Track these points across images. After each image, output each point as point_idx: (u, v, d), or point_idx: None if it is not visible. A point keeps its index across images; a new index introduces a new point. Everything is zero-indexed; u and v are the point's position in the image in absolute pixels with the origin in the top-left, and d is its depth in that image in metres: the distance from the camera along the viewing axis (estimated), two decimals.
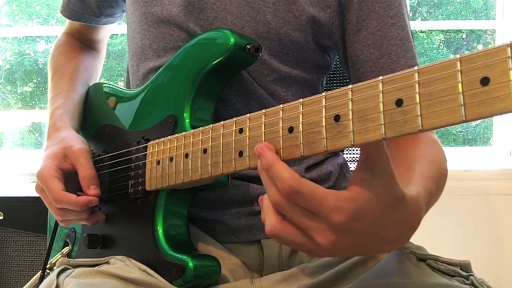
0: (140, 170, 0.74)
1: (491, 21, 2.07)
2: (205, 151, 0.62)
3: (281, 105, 0.53)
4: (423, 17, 2.13)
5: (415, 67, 0.42)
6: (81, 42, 1.03)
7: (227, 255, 0.76)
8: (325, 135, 0.48)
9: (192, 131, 0.66)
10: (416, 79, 0.42)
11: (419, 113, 0.41)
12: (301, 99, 0.51)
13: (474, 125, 2.09)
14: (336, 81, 1.18)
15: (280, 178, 0.47)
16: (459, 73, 0.39)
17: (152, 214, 0.72)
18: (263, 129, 0.54)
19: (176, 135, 0.69)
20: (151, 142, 0.73)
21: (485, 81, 0.37)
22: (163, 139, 0.71)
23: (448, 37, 2.17)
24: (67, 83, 0.92)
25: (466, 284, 0.61)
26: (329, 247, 0.48)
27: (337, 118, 0.47)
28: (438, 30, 2.14)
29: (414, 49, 0.78)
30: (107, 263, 0.72)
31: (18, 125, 2.16)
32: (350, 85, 0.47)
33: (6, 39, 2.16)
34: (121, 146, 0.79)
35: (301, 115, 0.50)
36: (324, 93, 0.49)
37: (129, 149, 0.77)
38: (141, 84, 0.84)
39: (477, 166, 1.82)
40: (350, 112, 0.46)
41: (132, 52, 0.87)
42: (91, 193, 0.74)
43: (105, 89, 0.90)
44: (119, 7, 0.97)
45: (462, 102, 0.38)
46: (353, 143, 0.45)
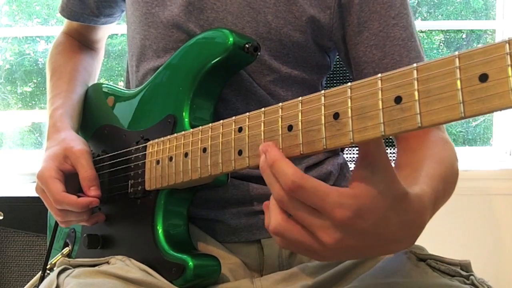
0: (139, 170, 0.74)
1: (491, 21, 2.07)
2: (204, 150, 0.62)
3: (280, 104, 0.53)
4: (423, 17, 2.13)
5: (414, 64, 0.42)
6: (80, 42, 1.03)
7: (227, 255, 0.76)
8: (324, 133, 0.48)
9: (191, 130, 0.66)
10: (414, 76, 0.42)
11: (418, 110, 0.41)
12: (300, 97, 0.51)
13: (474, 125, 2.08)
14: (336, 81, 1.18)
15: (283, 174, 0.47)
16: (458, 70, 0.39)
17: (152, 213, 0.72)
18: (262, 128, 0.54)
19: (175, 134, 0.69)
20: (151, 142, 0.73)
21: (483, 78, 0.37)
22: (162, 138, 0.71)
23: (448, 37, 2.17)
24: (66, 84, 0.92)
25: (466, 284, 0.61)
26: (334, 246, 0.47)
27: (336, 116, 0.47)
28: (438, 30, 2.13)
29: (419, 48, 0.77)
30: (107, 263, 0.72)
31: (18, 125, 2.16)
32: (349, 83, 0.47)
33: (6, 39, 2.16)
34: (120, 146, 0.79)
35: (300, 113, 0.50)
36: (323, 91, 0.49)
37: (128, 149, 0.77)
38: (140, 84, 0.84)
39: (477, 166, 1.82)
40: (349, 110, 0.46)
41: (132, 52, 0.87)
42: (92, 194, 0.74)
43: (104, 89, 0.90)
44: (118, 7, 0.97)
45: (461, 99, 0.38)
46: (352, 141, 0.45)
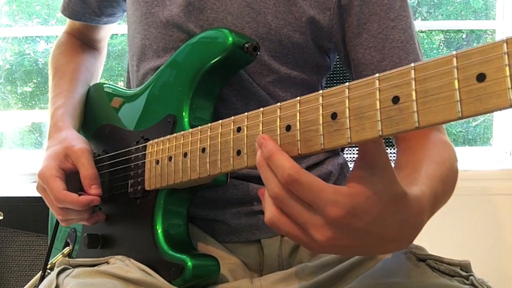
0: (139, 169, 0.74)
1: (491, 21, 2.06)
2: (203, 150, 0.62)
3: (278, 104, 0.53)
4: (423, 17, 2.13)
5: (412, 64, 0.42)
6: (82, 41, 1.04)
7: (226, 255, 0.76)
8: (322, 133, 0.48)
9: (190, 130, 0.66)
10: (412, 76, 0.42)
11: (415, 110, 0.41)
12: (298, 97, 0.51)
13: (474, 125, 2.08)
14: (335, 81, 1.18)
15: (280, 166, 0.47)
16: (455, 70, 0.39)
17: (151, 213, 0.72)
18: (261, 128, 0.54)
19: (175, 134, 0.69)
20: (150, 141, 0.73)
21: (481, 78, 0.37)
22: (162, 138, 0.71)
23: (448, 37, 2.16)
24: (67, 83, 0.92)
25: (466, 284, 0.61)
26: (326, 243, 0.47)
27: (334, 116, 0.47)
28: (438, 30, 2.13)
29: (417, 51, 0.77)
30: (107, 263, 0.72)
31: (18, 125, 2.16)
32: (347, 83, 0.47)
33: (6, 39, 2.16)
34: (120, 146, 0.79)
35: (298, 113, 0.50)
36: (321, 91, 0.49)
37: (128, 149, 0.77)
38: (141, 84, 0.84)
39: (477, 166, 1.81)
40: (347, 109, 0.46)
41: (132, 52, 0.87)
42: (93, 193, 0.75)
43: (106, 89, 0.90)
44: (120, 7, 0.97)
45: (458, 98, 0.38)
46: (350, 141, 0.45)
